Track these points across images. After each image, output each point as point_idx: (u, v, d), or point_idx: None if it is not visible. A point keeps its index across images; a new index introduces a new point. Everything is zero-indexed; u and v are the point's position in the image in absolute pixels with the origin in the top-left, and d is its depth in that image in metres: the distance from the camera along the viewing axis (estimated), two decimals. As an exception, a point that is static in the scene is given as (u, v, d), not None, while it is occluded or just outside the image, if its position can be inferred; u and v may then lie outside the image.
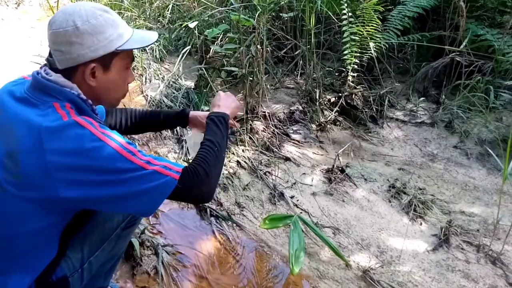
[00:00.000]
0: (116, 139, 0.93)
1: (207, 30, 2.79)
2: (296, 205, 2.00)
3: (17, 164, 0.89)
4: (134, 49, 1.06)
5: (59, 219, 0.97)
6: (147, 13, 4.16)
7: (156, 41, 1.05)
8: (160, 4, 4.19)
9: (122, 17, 3.97)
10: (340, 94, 2.82)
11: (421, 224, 1.91)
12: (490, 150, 2.23)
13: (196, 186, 0.97)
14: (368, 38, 2.69)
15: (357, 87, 2.88)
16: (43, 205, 0.91)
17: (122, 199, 0.93)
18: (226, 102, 1.24)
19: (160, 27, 4.02)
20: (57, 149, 0.88)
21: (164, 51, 3.62)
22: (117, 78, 1.04)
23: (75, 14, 0.94)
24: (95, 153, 0.89)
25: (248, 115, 2.56)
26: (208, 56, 3.16)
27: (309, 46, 2.85)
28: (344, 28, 2.69)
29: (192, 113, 1.38)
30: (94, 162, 0.89)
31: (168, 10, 3.76)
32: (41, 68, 1.00)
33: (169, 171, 0.94)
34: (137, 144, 2.40)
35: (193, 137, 1.49)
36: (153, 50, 3.57)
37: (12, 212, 0.93)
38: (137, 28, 3.46)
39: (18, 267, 0.98)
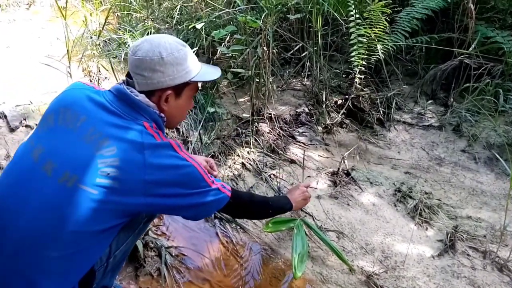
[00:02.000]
0: (196, 160, 1.13)
1: (214, 32, 2.79)
2: (300, 208, 1.99)
3: (116, 172, 0.99)
4: (204, 81, 1.37)
5: (123, 220, 1.07)
6: (156, 14, 4.18)
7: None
8: (169, 5, 4.21)
9: (131, 19, 4.01)
10: (347, 96, 2.80)
11: (426, 229, 1.89)
12: (498, 155, 2.20)
13: (237, 206, 1.29)
14: (376, 40, 2.67)
15: (364, 89, 2.86)
16: (121, 209, 1.03)
17: (189, 207, 1.15)
18: (297, 197, 1.60)
19: (168, 28, 4.03)
20: (156, 164, 1.03)
21: (172, 52, 3.62)
22: (183, 105, 1.22)
23: (161, 46, 1.11)
24: (185, 171, 1.08)
25: (254, 117, 2.56)
26: (215, 58, 3.16)
27: (316, 48, 2.84)
28: (351, 30, 2.67)
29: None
30: (183, 178, 1.09)
31: (176, 11, 3.77)
32: (120, 84, 1.14)
33: (224, 189, 1.22)
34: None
35: None
36: (160, 51, 3.58)
37: (92, 210, 0.99)
38: (146, 29, 3.48)
39: (71, 266, 1.04)
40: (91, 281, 1.14)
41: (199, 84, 1.30)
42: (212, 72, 1.26)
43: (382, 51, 2.72)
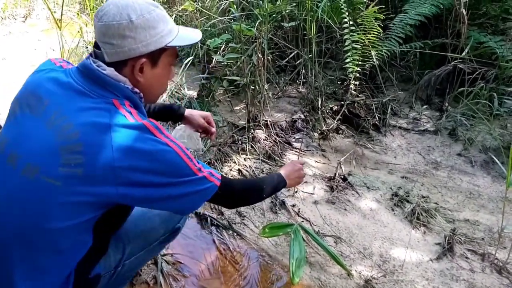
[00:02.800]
0: (178, 144, 0.97)
1: (209, 40, 2.80)
2: (297, 214, 1.98)
3: (80, 158, 0.87)
4: (183, 46, 1.08)
5: (98, 213, 0.94)
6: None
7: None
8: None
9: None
10: (343, 103, 2.81)
11: (424, 232, 1.88)
12: (494, 158, 2.20)
13: (227, 195, 1.11)
14: (370, 46, 2.69)
15: (360, 95, 2.87)
16: (93, 200, 0.90)
17: (173, 199, 0.97)
18: (291, 174, 1.39)
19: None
20: (126, 149, 0.89)
21: (168, 62, 3.64)
22: (162, 75, 1.06)
23: (129, 8, 0.94)
24: (161, 157, 0.92)
25: (250, 124, 2.56)
26: (210, 66, 3.17)
27: (311, 55, 2.86)
28: (345, 37, 2.69)
29: (188, 111, 1.47)
30: (160, 165, 0.92)
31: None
32: (87, 58, 0.99)
33: (213, 177, 1.03)
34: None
35: (181, 131, 1.57)
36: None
37: (57, 204, 0.89)
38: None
39: (55, 261, 0.94)
40: (94, 286, 1.07)
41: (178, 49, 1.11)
42: (191, 36, 1.09)
43: (376, 57, 2.74)
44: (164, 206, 1.02)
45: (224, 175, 1.15)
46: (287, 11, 3.00)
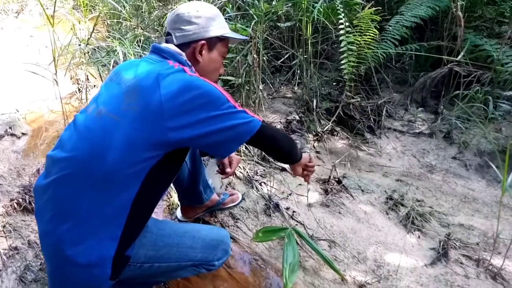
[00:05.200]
0: (214, 85, 1.13)
1: (204, 39, 2.77)
2: (291, 217, 1.96)
3: (136, 99, 1.08)
4: (235, 39, 1.37)
5: (149, 154, 1.07)
6: (146, 23, 4.16)
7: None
8: (159, 14, 4.19)
9: (120, 27, 3.98)
10: (338, 104, 2.79)
11: (419, 237, 1.87)
12: (489, 162, 2.20)
13: (271, 132, 1.25)
14: (366, 48, 2.67)
15: (355, 97, 2.85)
16: (146, 135, 1.05)
17: (218, 133, 1.10)
18: (305, 160, 1.48)
19: (159, 36, 4.01)
20: (170, 87, 1.07)
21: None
22: (216, 61, 1.32)
23: (198, 5, 1.29)
24: (202, 88, 1.09)
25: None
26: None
27: (306, 56, 2.83)
28: (341, 38, 2.67)
29: None
30: (202, 94, 1.08)
31: (166, 19, 3.76)
32: (159, 43, 1.27)
33: (254, 114, 1.19)
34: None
35: (213, 166, 1.72)
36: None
37: (120, 141, 1.05)
38: (135, 37, 3.45)
39: (109, 211, 1.07)
40: (122, 268, 1.13)
41: (229, 44, 1.39)
42: (240, 35, 1.39)
43: (372, 59, 2.73)
44: (213, 142, 1.12)
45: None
46: (283, 11, 2.97)
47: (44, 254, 1.14)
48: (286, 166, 2.26)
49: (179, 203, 1.91)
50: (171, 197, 2.04)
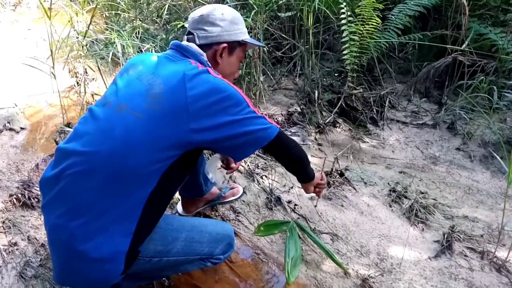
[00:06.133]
0: (237, 88, 1.16)
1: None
2: (293, 210, 1.94)
3: (160, 97, 1.08)
4: (255, 45, 1.40)
5: (169, 153, 1.08)
6: (144, 14, 4.11)
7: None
8: (158, 5, 4.14)
9: (118, 19, 3.93)
10: (340, 95, 2.76)
11: (422, 229, 1.84)
12: (494, 153, 2.17)
13: (287, 141, 1.29)
14: (368, 38, 2.63)
15: (357, 88, 2.81)
16: (168, 134, 1.07)
17: (237, 137, 1.13)
18: (317, 180, 1.53)
19: (158, 28, 3.97)
20: (196, 87, 1.09)
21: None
22: (234, 64, 1.35)
23: (222, 8, 1.30)
24: (225, 90, 1.12)
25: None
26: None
27: (307, 46, 2.79)
28: (343, 28, 2.62)
29: None
30: (224, 97, 1.11)
31: (165, 11, 3.71)
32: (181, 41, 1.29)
33: (272, 120, 1.23)
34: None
35: (216, 160, 1.74)
36: (150, 51, 3.52)
37: (142, 138, 1.06)
38: (134, 29, 3.41)
39: (124, 208, 1.07)
40: (133, 261, 1.13)
41: (248, 51, 1.43)
42: (258, 42, 1.41)
43: (374, 49, 2.68)
44: (230, 144, 1.14)
45: None
46: (283, 0, 2.92)
47: (53, 248, 1.12)
48: (298, 184, 2.24)
49: (179, 197, 1.89)
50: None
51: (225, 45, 1.27)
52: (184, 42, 1.26)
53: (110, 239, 1.06)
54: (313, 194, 1.98)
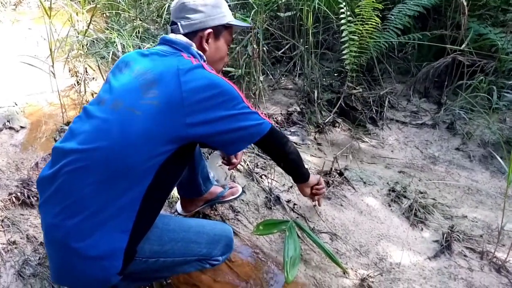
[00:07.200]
0: (231, 83, 1.17)
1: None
2: (292, 210, 1.93)
3: (155, 93, 1.09)
4: (240, 27, 1.39)
5: (166, 148, 1.08)
6: (145, 14, 4.11)
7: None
8: (158, 4, 4.14)
9: (118, 18, 3.93)
10: (339, 95, 2.76)
11: (422, 229, 1.84)
12: (493, 152, 2.17)
13: (279, 136, 1.31)
14: (368, 38, 2.63)
15: (357, 87, 2.82)
16: (164, 130, 1.07)
17: (230, 132, 1.15)
18: (313, 183, 1.60)
19: (158, 27, 3.97)
20: (190, 83, 1.09)
21: (161, 52, 3.55)
22: (221, 49, 1.34)
23: None
24: (219, 86, 1.12)
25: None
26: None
27: (307, 46, 2.79)
28: (342, 27, 2.62)
29: None
30: (219, 92, 1.11)
31: (165, 10, 3.71)
32: (167, 34, 1.28)
33: (265, 116, 1.23)
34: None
35: (216, 157, 1.76)
36: (149, 51, 3.51)
37: (138, 134, 1.06)
38: (134, 29, 3.41)
39: (123, 204, 1.07)
40: (130, 261, 1.12)
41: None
42: (244, 23, 1.40)
43: (374, 48, 2.68)
44: (223, 139, 1.16)
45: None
46: (283, 0, 2.92)
47: (50, 248, 1.12)
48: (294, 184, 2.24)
49: (178, 196, 1.89)
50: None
51: (210, 30, 1.27)
52: (171, 35, 1.25)
53: (108, 235, 1.05)
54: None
